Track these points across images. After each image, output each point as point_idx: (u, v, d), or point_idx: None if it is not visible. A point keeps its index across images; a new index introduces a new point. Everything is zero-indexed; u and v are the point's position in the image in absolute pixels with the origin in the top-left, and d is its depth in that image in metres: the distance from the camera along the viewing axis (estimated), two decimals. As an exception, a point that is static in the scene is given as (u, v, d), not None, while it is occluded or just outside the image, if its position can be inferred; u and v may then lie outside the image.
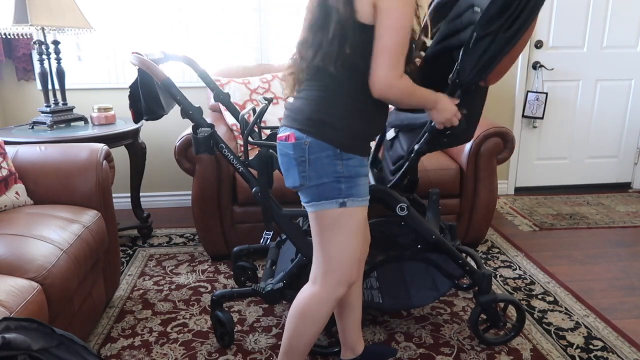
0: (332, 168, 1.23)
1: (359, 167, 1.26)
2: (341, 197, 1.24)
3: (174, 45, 3.10)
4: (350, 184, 1.25)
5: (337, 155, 1.23)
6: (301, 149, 1.24)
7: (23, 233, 1.56)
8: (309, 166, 1.24)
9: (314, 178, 1.24)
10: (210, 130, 1.59)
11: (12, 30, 2.41)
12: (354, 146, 1.25)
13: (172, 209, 3.33)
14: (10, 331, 0.89)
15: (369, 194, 1.31)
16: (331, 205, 1.25)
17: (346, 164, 1.23)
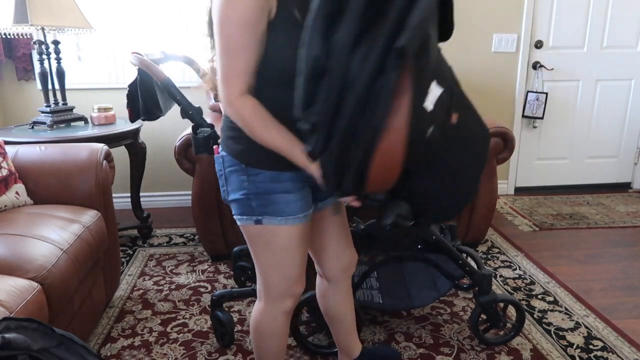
0: (240, 184, 1.14)
1: (270, 183, 1.12)
2: (254, 215, 1.15)
3: (174, 45, 3.09)
4: (262, 202, 1.13)
5: (242, 170, 1.13)
6: (219, 163, 1.18)
7: (23, 233, 1.56)
8: (226, 181, 1.18)
9: (230, 193, 1.17)
10: (210, 130, 1.59)
11: (12, 30, 2.41)
12: (259, 161, 1.11)
13: (172, 209, 3.33)
14: (10, 331, 0.89)
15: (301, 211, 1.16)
16: (248, 222, 1.17)
17: (252, 180, 1.13)
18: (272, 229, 1.16)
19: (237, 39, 0.98)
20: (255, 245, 1.21)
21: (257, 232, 1.18)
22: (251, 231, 1.19)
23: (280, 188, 1.13)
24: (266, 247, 1.19)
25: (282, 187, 1.13)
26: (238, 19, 0.96)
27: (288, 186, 1.13)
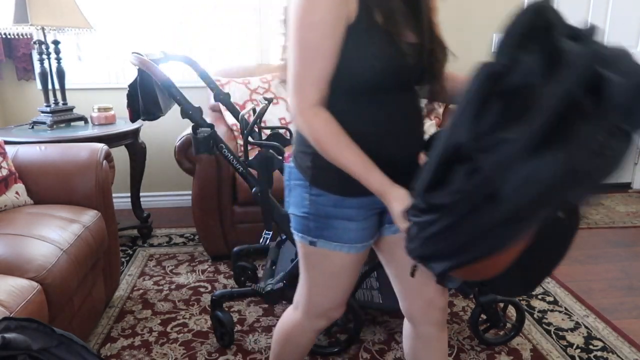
0: (301, 201, 1.07)
1: (332, 208, 1.03)
2: (310, 236, 1.08)
3: (174, 45, 3.10)
4: (321, 225, 1.05)
5: (306, 187, 1.05)
6: (288, 172, 1.12)
7: (23, 233, 1.56)
8: (289, 191, 1.11)
9: (291, 206, 1.11)
10: (210, 130, 1.59)
11: (12, 30, 2.41)
12: (325, 182, 1.02)
13: (172, 209, 3.32)
14: (10, 331, 0.89)
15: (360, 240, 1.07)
16: (303, 240, 1.10)
17: (314, 200, 1.04)
18: (325, 252, 1.08)
19: (315, 44, 0.89)
20: (306, 263, 1.15)
21: (310, 252, 1.11)
22: (304, 249, 1.13)
23: (342, 214, 1.04)
24: (316, 268, 1.13)
25: (344, 213, 1.04)
26: (317, 23, 0.88)
27: (351, 213, 1.04)
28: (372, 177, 0.94)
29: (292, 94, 0.94)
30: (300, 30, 0.89)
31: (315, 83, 0.92)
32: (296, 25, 0.89)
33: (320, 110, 0.94)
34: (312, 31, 0.89)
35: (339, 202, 1.03)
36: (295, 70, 0.92)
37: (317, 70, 0.91)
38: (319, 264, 1.12)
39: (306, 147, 1.02)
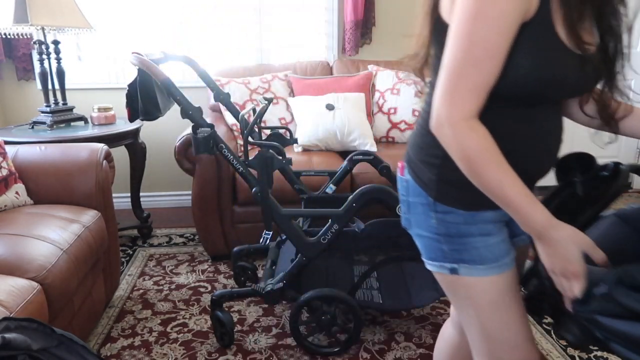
0: (427, 221, 0.91)
1: (464, 225, 0.88)
2: (447, 262, 0.90)
3: (174, 45, 3.10)
4: (456, 246, 0.89)
5: (429, 204, 0.90)
6: (403, 187, 0.96)
7: (23, 233, 1.56)
8: (408, 208, 0.96)
9: (414, 225, 0.96)
10: (210, 130, 1.59)
11: (12, 30, 2.41)
12: (451, 197, 0.88)
13: (172, 209, 3.33)
14: (10, 331, 0.89)
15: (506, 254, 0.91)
16: (441, 270, 0.92)
17: (441, 218, 0.89)
18: (473, 281, 0.90)
19: (487, 41, 0.73)
20: (457, 299, 0.96)
21: (454, 283, 0.93)
22: (447, 281, 0.94)
23: (477, 231, 0.88)
24: (470, 304, 0.93)
25: (479, 229, 0.88)
26: (495, 16, 0.72)
27: (486, 228, 0.89)
28: (537, 211, 0.77)
29: (443, 98, 0.77)
30: (472, 22, 0.73)
31: (477, 90, 0.76)
32: (467, 16, 0.73)
33: (477, 124, 0.77)
34: (486, 25, 0.72)
35: (470, 218, 0.88)
36: (452, 70, 0.76)
37: (482, 74, 0.75)
38: (471, 299, 0.92)
39: (431, 157, 0.88)
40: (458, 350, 1.18)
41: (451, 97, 0.77)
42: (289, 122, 2.79)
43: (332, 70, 3.11)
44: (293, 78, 2.92)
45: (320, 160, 2.48)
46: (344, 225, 1.67)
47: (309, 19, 3.22)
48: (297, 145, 2.65)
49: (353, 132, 2.60)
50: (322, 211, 1.73)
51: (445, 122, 0.77)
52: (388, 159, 2.46)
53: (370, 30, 3.21)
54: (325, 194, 2.08)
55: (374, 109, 2.89)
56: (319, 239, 1.69)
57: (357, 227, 1.71)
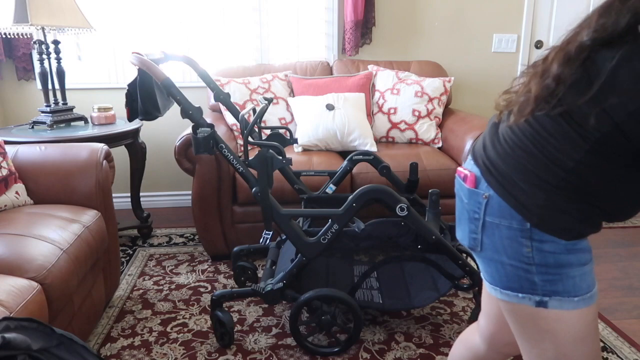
0: (516, 247, 0.83)
1: (566, 255, 0.82)
2: (536, 295, 0.83)
3: (174, 45, 3.10)
4: (551, 277, 0.82)
5: (524, 231, 0.82)
6: (477, 202, 0.87)
7: (23, 233, 1.56)
8: (482, 229, 0.87)
9: (489, 249, 0.87)
10: (210, 130, 1.59)
11: (12, 30, 2.41)
12: (555, 224, 0.81)
13: (172, 209, 3.33)
14: (10, 331, 0.89)
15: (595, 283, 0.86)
16: (522, 301, 0.85)
17: (538, 247, 0.82)
18: (562, 315, 0.83)
19: None
20: (531, 332, 0.88)
21: (536, 316, 0.85)
22: (526, 313, 0.86)
23: (577, 260, 0.82)
24: (549, 338, 0.86)
25: (579, 258, 0.82)
26: None
27: (584, 257, 0.83)
28: None
29: None
30: None
31: None
32: None
33: None
34: None
35: (571, 246, 0.82)
36: None
37: None
38: (554, 333, 0.85)
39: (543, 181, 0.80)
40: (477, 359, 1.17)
41: None
42: (289, 122, 2.79)
43: (332, 70, 3.11)
44: (293, 78, 2.92)
45: (320, 160, 2.48)
46: (344, 225, 1.67)
47: (309, 19, 3.22)
48: (297, 145, 2.65)
49: (353, 132, 2.60)
50: (322, 211, 1.73)
51: None
52: (388, 159, 2.46)
53: (370, 30, 3.22)
54: (325, 194, 2.08)
55: (374, 109, 2.90)
56: (319, 239, 1.69)
57: (357, 227, 1.71)
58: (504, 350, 1.13)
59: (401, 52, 3.30)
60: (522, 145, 0.83)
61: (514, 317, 0.89)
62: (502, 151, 0.85)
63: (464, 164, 0.95)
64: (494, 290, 0.88)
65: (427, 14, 3.25)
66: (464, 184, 0.90)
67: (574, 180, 0.78)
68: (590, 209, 0.80)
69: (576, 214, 0.79)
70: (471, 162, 0.91)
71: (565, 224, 0.81)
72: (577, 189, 0.79)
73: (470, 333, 1.21)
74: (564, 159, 0.78)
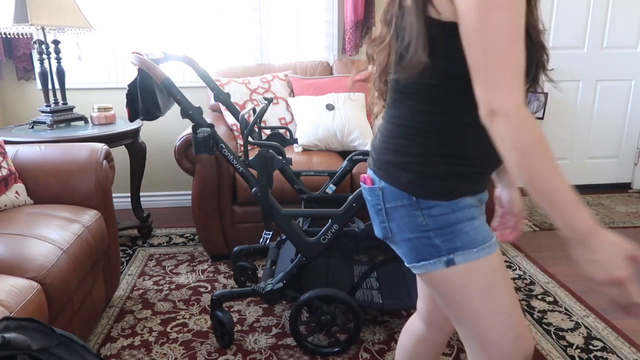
0: (413, 221, 0.91)
1: (451, 214, 0.90)
2: (443, 255, 0.90)
3: (174, 45, 3.10)
4: (448, 236, 0.90)
5: (413, 204, 0.91)
6: (376, 196, 0.96)
7: (23, 233, 1.56)
8: (387, 217, 0.95)
9: (397, 232, 0.95)
10: (210, 130, 1.59)
11: (12, 29, 2.41)
12: (434, 191, 0.90)
13: (172, 209, 3.33)
14: (10, 331, 0.89)
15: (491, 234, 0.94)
16: (436, 266, 0.92)
17: (428, 214, 0.90)
18: (469, 266, 0.90)
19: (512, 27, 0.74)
20: (451, 296, 0.94)
21: (449, 276, 0.92)
22: (441, 277, 0.93)
23: (463, 217, 0.90)
24: (466, 294, 0.92)
25: (464, 215, 0.90)
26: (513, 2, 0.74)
27: (470, 212, 0.91)
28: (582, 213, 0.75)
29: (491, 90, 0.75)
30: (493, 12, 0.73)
31: (518, 75, 0.75)
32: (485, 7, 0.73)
33: (528, 113, 0.76)
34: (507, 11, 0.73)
35: (455, 205, 0.90)
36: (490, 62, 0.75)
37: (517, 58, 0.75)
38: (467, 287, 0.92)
39: (409, 156, 0.91)
40: (424, 341, 1.23)
41: (498, 87, 0.75)
42: (289, 122, 2.79)
43: (332, 70, 3.11)
44: (293, 78, 2.92)
45: (320, 160, 2.48)
46: (344, 225, 1.67)
47: (309, 18, 3.22)
48: (297, 145, 2.65)
49: (353, 132, 2.60)
50: (322, 211, 1.73)
51: (500, 113, 0.75)
52: (388, 159, 2.46)
53: (370, 30, 3.21)
54: (325, 194, 2.08)
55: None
56: (319, 239, 1.69)
57: (357, 227, 1.71)
58: (446, 326, 1.18)
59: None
60: (384, 131, 0.97)
61: (435, 285, 0.96)
62: (378, 144, 0.98)
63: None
64: (414, 268, 0.96)
65: (427, 14, 3.25)
66: (365, 185, 1.00)
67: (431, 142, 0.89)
68: (456, 167, 0.90)
69: (446, 175, 0.89)
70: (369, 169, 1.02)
71: (440, 187, 0.90)
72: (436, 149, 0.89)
73: (412, 320, 1.27)
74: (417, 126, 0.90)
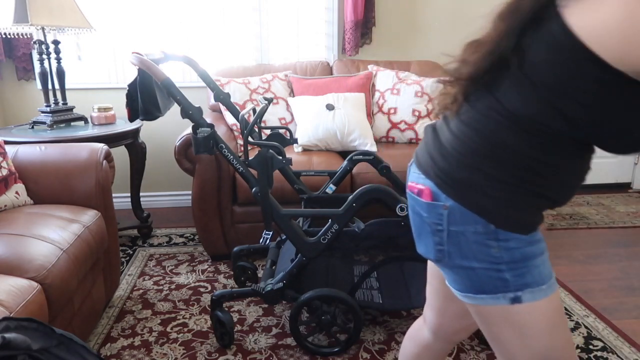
0: (484, 250, 0.83)
1: (528, 247, 0.83)
2: (510, 291, 0.84)
3: (174, 45, 3.10)
4: (520, 271, 0.83)
5: (489, 233, 0.83)
6: (437, 215, 0.86)
7: (23, 233, 1.56)
8: (447, 239, 0.86)
9: (457, 257, 0.86)
10: (210, 130, 1.59)
11: (12, 30, 2.41)
12: (516, 221, 0.82)
13: (172, 209, 3.33)
14: (10, 331, 0.89)
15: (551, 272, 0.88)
16: (497, 301, 0.85)
17: (504, 246, 0.83)
18: (535, 305, 0.84)
19: None
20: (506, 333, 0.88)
21: (510, 314, 0.85)
22: (500, 313, 0.86)
23: (538, 250, 0.84)
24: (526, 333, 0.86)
25: (539, 248, 0.85)
26: None
27: (541, 246, 0.86)
28: None
29: None
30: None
31: None
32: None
33: None
34: None
35: (531, 238, 0.84)
36: None
37: None
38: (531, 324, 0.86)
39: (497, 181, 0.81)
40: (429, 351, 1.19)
41: None
42: (289, 122, 2.79)
43: (332, 70, 3.11)
44: (293, 78, 2.92)
45: (320, 160, 2.48)
46: (344, 225, 1.67)
47: (309, 18, 3.22)
48: (297, 145, 2.65)
49: (353, 132, 2.60)
50: (322, 211, 1.73)
51: None
52: (388, 159, 2.46)
53: (370, 30, 3.22)
54: (325, 194, 2.08)
55: (374, 109, 2.89)
56: (319, 239, 1.69)
57: (357, 227, 1.71)
58: (454, 338, 1.15)
59: (401, 52, 3.30)
60: (467, 146, 0.84)
61: (489, 319, 0.89)
62: (455, 161, 0.85)
63: (412, 178, 0.94)
64: (466, 297, 0.89)
65: (426, 14, 3.25)
66: (420, 198, 0.89)
67: (528, 176, 0.80)
68: (540, 200, 0.83)
69: (531, 208, 0.83)
70: (421, 176, 0.90)
71: (524, 219, 0.83)
72: (531, 183, 0.81)
73: (418, 328, 1.21)
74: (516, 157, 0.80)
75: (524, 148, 0.79)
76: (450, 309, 1.09)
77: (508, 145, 0.80)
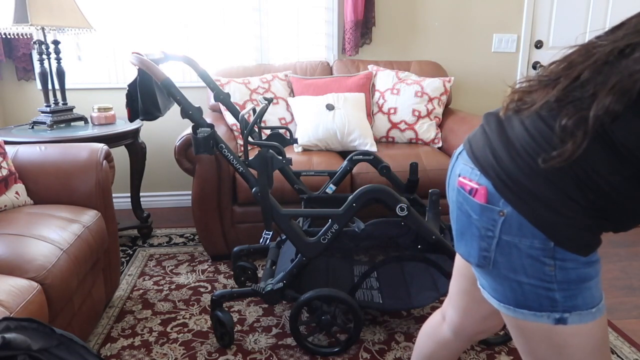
0: (537, 266, 0.78)
1: (585, 269, 0.78)
2: (556, 312, 0.79)
3: (174, 45, 3.10)
4: (572, 292, 0.78)
5: (547, 250, 0.76)
6: (490, 220, 0.79)
7: (23, 233, 1.56)
8: (497, 247, 0.80)
9: (504, 268, 0.80)
10: (210, 130, 1.59)
11: (12, 30, 2.41)
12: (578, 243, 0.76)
13: (172, 209, 3.33)
14: (10, 331, 0.89)
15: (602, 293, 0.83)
16: (539, 319, 0.80)
17: (561, 265, 0.77)
18: (580, 328, 0.80)
19: None
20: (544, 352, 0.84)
21: (552, 333, 0.81)
22: (541, 332, 0.82)
23: (595, 272, 0.79)
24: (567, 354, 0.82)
25: (596, 270, 0.79)
26: None
27: (598, 267, 0.80)
28: None
29: None
30: None
31: None
32: None
33: None
34: None
35: (589, 259, 0.78)
36: None
37: None
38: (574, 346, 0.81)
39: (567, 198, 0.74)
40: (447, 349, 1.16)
41: None
42: (289, 122, 2.79)
43: (332, 70, 3.11)
44: (293, 78, 2.92)
45: (320, 160, 2.48)
46: (344, 225, 1.67)
47: (309, 19, 3.22)
48: (297, 145, 2.65)
49: (353, 132, 2.60)
50: (322, 211, 1.73)
51: None
52: (388, 159, 2.46)
53: (370, 30, 3.22)
54: (325, 194, 2.08)
55: (374, 109, 2.90)
56: (319, 239, 1.69)
57: (357, 227, 1.71)
58: (475, 338, 1.12)
59: (401, 52, 3.30)
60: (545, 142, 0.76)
61: (526, 334, 0.84)
62: (525, 166, 0.75)
63: (463, 172, 0.85)
64: (505, 308, 0.84)
65: (427, 14, 3.25)
66: (472, 198, 0.81)
67: (604, 202, 0.74)
68: (605, 223, 0.77)
69: (595, 230, 0.76)
70: (476, 172, 0.81)
71: (587, 240, 0.76)
72: (604, 208, 0.75)
73: (437, 325, 1.18)
74: (600, 183, 0.72)
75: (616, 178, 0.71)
76: (476, 311, 1.05)
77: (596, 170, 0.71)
